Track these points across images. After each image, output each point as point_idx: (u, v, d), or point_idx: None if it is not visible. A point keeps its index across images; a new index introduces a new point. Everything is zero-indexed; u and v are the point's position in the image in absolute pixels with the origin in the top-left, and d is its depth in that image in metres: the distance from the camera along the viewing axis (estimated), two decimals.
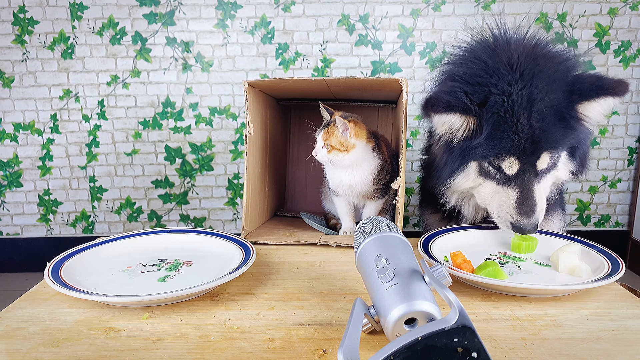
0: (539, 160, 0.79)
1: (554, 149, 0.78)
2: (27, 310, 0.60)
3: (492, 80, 0.79)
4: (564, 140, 0.79)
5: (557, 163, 0.83)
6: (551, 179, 0.85)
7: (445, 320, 0.38)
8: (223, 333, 0.54)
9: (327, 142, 0.89)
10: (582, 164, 0.88)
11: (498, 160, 0.81)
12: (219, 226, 1.84)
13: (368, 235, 0.56)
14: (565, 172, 0.87)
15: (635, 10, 1.66)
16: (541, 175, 0.82)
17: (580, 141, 0.83)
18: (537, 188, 0.81)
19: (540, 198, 0.81)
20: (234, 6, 1.66)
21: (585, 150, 0.88)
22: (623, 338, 0.52)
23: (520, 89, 0.77)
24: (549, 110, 0.77)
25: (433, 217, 1.06)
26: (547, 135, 0.77)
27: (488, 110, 0.78)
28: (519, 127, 0.77)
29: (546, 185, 0.84)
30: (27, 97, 1.70)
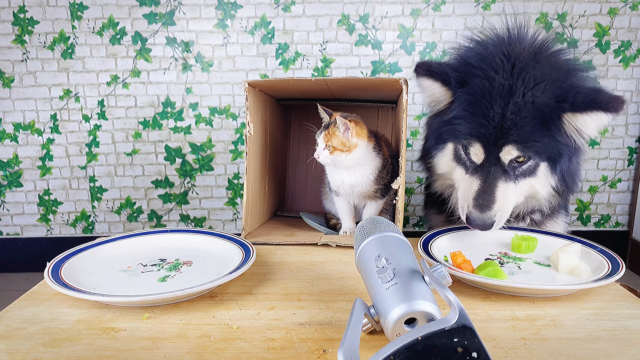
0: (502, 152, 0.77)
1: (521, 145, 0.76)
2: (27, 310, 0.60)
3: (482, 65, 0.80)
4: (537, 142, 0.76)
5: (534, 170, 0.80)
6: (527, 187, 0.82)
7: (445, 320, 0.38)
8: (223, 333, 0.54)
9: (329, 143, 0.89)
10: (566, 182, 0.82)
11: (467, 144, 0.81)
12: (219, 226, 1.84)
13: (368, 235, 0.56)
14: (546, 186, 0.83)
15: (635, 10, 1.66)
16: (512, 175, 0.79)
17: (562, 153, 0.78)
18: (501, 185, 0.79)
19: (502, 197, 0.79)
20: (234, 6, 1.66)
21: (572, 168, 0.82)
22: (623, 338, 0.52)
23: (505, 79, 0.77)
24: (529, 106, 0.75)
25: (438, 218, 1.06)
26: (517, 129, 0.76)
27: (467, 90, 0.80)
28: (491, 114, 0.77)
29: (518, 190, 0.81)
30: (27, 97, 1.70)
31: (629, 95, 1.73)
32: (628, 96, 1.73)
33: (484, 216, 0.79)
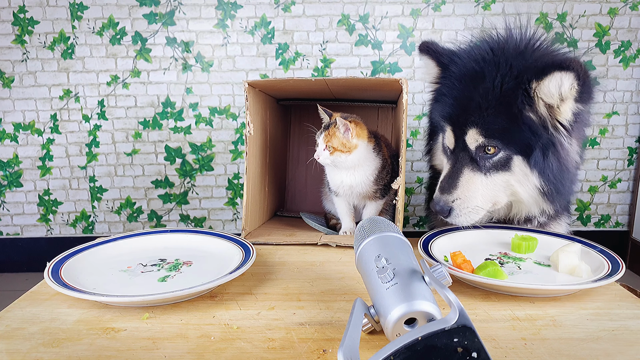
0: (467, 137, 0.78)
1: (483, 130, 0.75)
2: (27, 310, 0.60)
3: (465, 55, 0.82)
4: (499, 127, 0.75)
5: (507, 164, 0.78)
6: (502, 182, 0.80)
7: (445, 320, 0.38)
8: (223, 333, 0.54)
9: (329, 144, 0.89)
10: (552, 183, 0.78)
11: (443, 128, 0.83)
12: (219, 226, 1.84)
13: (368, 235, 0.56)
14: (526, 185, 0.79)
15: (635, 10, 1.66)
16: (482, 166, 0.78)
17: (533, 146, 0.75)
18: (467, 173, 0.79)
19: (465, 185, 0.79)
20: (234, 6, 1.66)
21: (555, 167, 0.77)
22: (623, 338, 0.52)
23: (480, 67, 0.78)
24: (497, 91, 0.75)
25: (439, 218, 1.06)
26: (480, 112, 0.76)
27: (448, 74, 0.83)
28: (460, 96, 0.78)
29: (491, 184, 0.79)
30: (27, 97, 1.70)
31: (629, 96, 1.73)
32: (628, 96, 1.73)
33: (442, 198, 0.79)
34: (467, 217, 0.80)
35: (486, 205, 0.82)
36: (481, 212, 0.81)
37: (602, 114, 1.75)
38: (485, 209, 0.82)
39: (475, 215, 0.81)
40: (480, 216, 0.82)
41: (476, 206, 0.80)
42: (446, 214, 0.80)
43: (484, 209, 0.82)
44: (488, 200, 0.81)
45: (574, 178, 0.82)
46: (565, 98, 0.73)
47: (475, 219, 0.81)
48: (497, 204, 0.84)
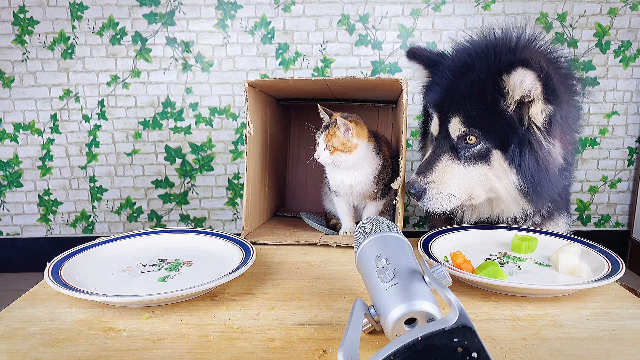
0: (450, 125, 0.80)
1: (464, 118, 0.78)
2: (27, 310, 0.60)
3: (465, 49, 0.85)
4: (478, 115, 0.77)
5: (486, 156, 0.79)
6: (480, 175, 0.80)
7: (445, 320, 0.38)
8: (223, 333, 0.54)
9: (329, 144, 0.89)
10: (530, 182, 0.78)
11: (430, 117, 0.86)
12: (219, 226, 1.84)
13: (368, 235, 0.56)
14: (504, 180, 0.80)
15: (635, 10, 1.66)
16: (461, 155, 0.80)
17: (510, 140, 0.76)
18: (445, 159, 0.81)
19: (442, 170, 0.81)
20: (234, 6, 1.66)
21: (533, 166, 0.77)
22: (623, 338, 0.52)
23: (472, 59, 0.80)
24: (480, 81, 0.77)
25: (439, 218, 1.06)
26: (463, 101, 0.78)
27: (439, 69, 0.87)
28: (449, 85, 0.81)
29: (468, 175, 0.80)
30: (27, 97, 1.70)
31: (629, 96, 1.73)
32: (628, 96, 1.73)
33: (417, 179, 0.82)
34: (438, 203, 0.81)
35: (461, 195, 0.82)
36: (454, 201, 0.82)
37: (602, 114, 1.75)
38: (459, 200, 0.82)
39: (447, 203, 0.81)
40: (453, 206, 0.83)
41: (449, 193, 0.81)
42: (419, 196, 0.81)
43: (458, 199, 0.82)
44: (463, 191, 0.82)
45: (556, 180, 0.81)
46: (533, 98, 0.74)
47: (447, 207, 0.82)
48: (474, 198, 0.84)
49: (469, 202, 0.85)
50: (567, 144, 0.82)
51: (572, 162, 0.87)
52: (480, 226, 0.90)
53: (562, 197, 0.98)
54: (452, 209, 0.84)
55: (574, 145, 0.86)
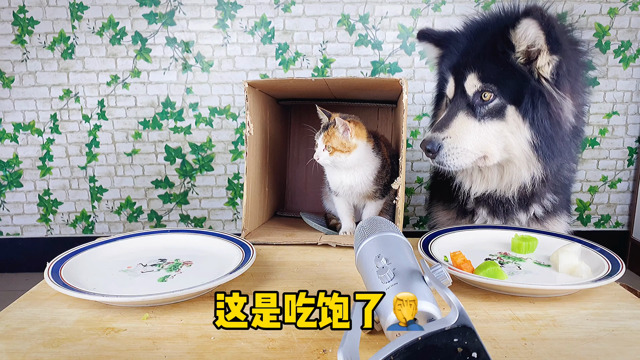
0: (466, 82, 0.83)
1: (480, 73, 0.81)
2: (27, 310, 0.60)
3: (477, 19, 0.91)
4: (495, 71, 0.80)
5: (502, 112, 0.81)
6: (495, 132, 0.82)
7: (445, 320, 0.38)
8: (223, 333, 0.54)
9: (328, 144, 0.89)
10: (543, 136, 0.80)
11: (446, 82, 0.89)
12: (219, 226, 1.84)
13: (368, 235, 0.56)
14: (519, 137, 0.82)
15: (635, 10, 1.66)
16: (477, 112, 0.82)
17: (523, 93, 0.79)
18: (461, 115, 0.83)
19: (457, 126, 0.82)
20: (234, 6, 1.66)
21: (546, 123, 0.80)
22: (623, 338, 0.52)
23: (487, 21, 0.86)
24: (490, 39, 0.82)
25: (444, 215, 1.06)
26: (478, 59, 0.82)
27: (452, 39, 0.92)
28: (465, 48, 0.85)
29: (484, 131, 0.82)
30: (27, 97, 1.70)
31: (629, 96, 1.73)
32: (628, 96, 1.73)
33: (433, 135, 0.83)
34: (455, 159, 0.83)
35: (476, 151, 0.83)
36: (470, 157, 0.83)
37: (602, 114, 1.75)
38: (475, 155, 0.84)
39: (464, 158, 0.83)
40: (468, 162, 0.84)
41: (465, 149, 0.82)
42: (435, 151, 0.82)
43: (474, 154, 0.83)
44: (479, 147, 0.83)
45: (568, 140, 0.84)
46: (539, 49, 0.78)
47: (463, 162, 0.83)
48: (488, 157, 0.85)
49: (483, 163, 0.86)
50: (578, 104, 0.84)
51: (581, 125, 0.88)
52: (480, 226, 0.90)
53: (564, 194, 0.98)
54: (468, 165, 0.84)
55: (583, 110, 0.88)
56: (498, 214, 0.95)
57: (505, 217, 0.95)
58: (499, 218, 0.95)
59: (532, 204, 0.94)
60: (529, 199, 0.93)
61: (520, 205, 0.94)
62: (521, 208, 0.94)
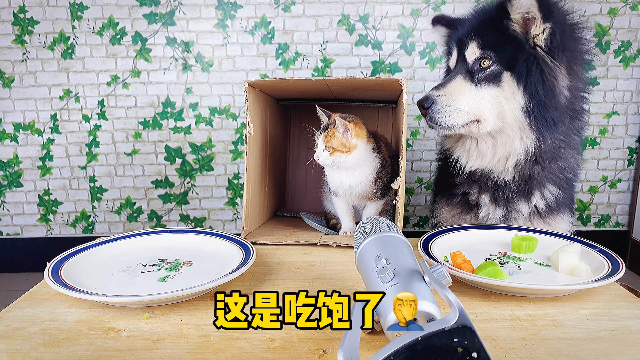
0: (467, 50, 0.88)
1: (479, 41, 0.86)
2: (27, 310, 0.60)
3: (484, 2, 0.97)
4: (493, 38, 0.85)
5: (498, 77, 0.85)
6: (491, 97, 0.86)
7: (445, 320, 0.38)
8: (223, 333, 0.54)
9: (329, 145, 0.89)
10: (537, 102, 0.83)
11: (450, 55, 0.95)
12: (219, 226, 1.84)
13: (368, 236, 0.56)
14: (513, 102, 0.85)
15: (635, 10, 1.66)
16: (475, 77, 0.87)
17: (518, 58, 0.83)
18: (458, 79, 0.88)
19: (453, 87, 0.87)
20: (234, 6, 1.66)
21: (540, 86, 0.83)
22: (623, 338, 0.52)
23: (488, 7, 0.90)
24: (490, 14, 0.88)
25: (447, 211, 1.07)
26: (478, 30, 0.88)
27: (460, 22, 0.97)
28: (469, 24, 0.92)
29: (480, 96, 0.86)
30: (27, 97, 1.70)
31: (629, 96, 1.73)
32: (628, 96, 1.73)
33: (429, 93, 0.89)
34: (446, 116, 0.87)
35: (469, 112, 0.87)
36: (461, 117, 0.87)
37: (602, 114, 1.75)
38: (467, 116, 0.87)
39: (456, 117, 0.87)
40: (460, 121, 0.87)
41: (457, 108, 0.86)
42: (428, 106, 0.87)
43: (466, 115, 0.87)
44: (472, 109, 0.87)
45: (563, 113, 0.86)
46: (533, 16, 0.82)
47: (454, 121, 0.87)
48: (482, 122, 0.88)
49: (476, 129, 0.89)
50: (576, 83, 0.86)
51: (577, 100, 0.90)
52: (480, 226, 0.90)
53: (568, 190, 0.99)
54: (458, 125, 0.88)
55: (582, 91, 0.90)
56: (499, 202, 0.96)
57: (507, 205, 0.96)
58: (500, 206, 0.96)
59: (533, 191, 0.94)
60: (529, 183, 0.93)
61: (520, 193, 0.94)
62: (522, 196, 0.95)
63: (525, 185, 0.94)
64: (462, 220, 1.02)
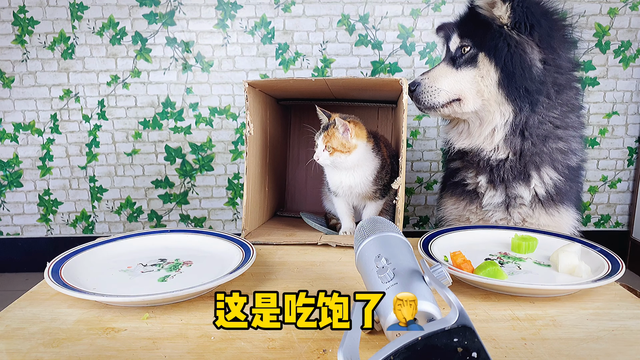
0: (450, 41, 0.98)
1: (459, 31, 0.96)
2: (27, 310, 0.60)
3: None
4: (469, 25, 0.95)
5: (475, 59, 0.93)
6: (469, 78, 0.93)
7: (445, 320, 0.38)
8: (223, 333, 0.54)
9: (328, 145, 0.89)
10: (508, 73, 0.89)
11: None
12: (219, 226, 1.84)
13: (368, 235, 0.56)
14: (488, 79, 0.92)
15: (635, 10, 1.66)
16: (456, 63, 0.95)
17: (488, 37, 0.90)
18: (442, 65, 0.99)
19: (437, 72, 0.98)
20: (234, 6, 1.66)
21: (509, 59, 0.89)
22: (623, 338, 0.52)
23: None
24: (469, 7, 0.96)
25: (452, 204, 1.08)
26: (459, 22, 0.99)
27: None
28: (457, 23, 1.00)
29: (460, 77, 0.94)
30: (27, 97, 1.70)
31: (628, 96, 1.73)
32: (628, 96, 1.73)
33: (417, 78, 1.00)
34: (429, 95, 0.97)
35: (450, 92, 0.96)
36: (442, 96, 0.96)
37: (602, 114, 1.75)
38: (448, 95, 0.96)
39: (437, 96, 0.96)
40: (442, 100, 0.96)
41: (439, 88, 0.96)
42: (414, 88, 0.98)
43: (447, 94, 0.96)
44: (453, 89, 0.95)
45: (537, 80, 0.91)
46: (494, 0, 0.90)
47: (436, 100, 0.97)
48: (463, 100, 0.95)
49: (459, 108, 0.96)
50: (550, 50, 0.92)
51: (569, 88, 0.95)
52: (480, 226, 0.90)
53: (572, 180, 0.99)
54: (440, 103, 0.97)
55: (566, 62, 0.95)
56: (496, 184, 0.97)
57: (506, 189, 0.97)
58: (498, 189, 0.98)
59: (529, 172, 0.95)
60: (522, 161, 0.95)
61: (517, 173, 0.95)
62: (519, 178, 0.96)
63: (519, 164, 0.95)
64: (467, 211, 1.03)
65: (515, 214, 0.98)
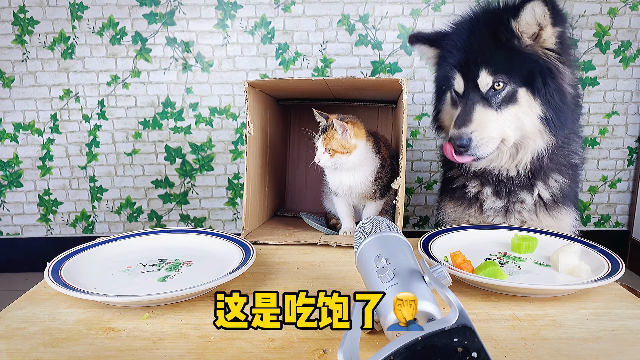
0: (480, 78, 0.87)
1: (491, 67, 0.85)
2: (27, 310, 0.60)
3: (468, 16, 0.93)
4: (502, 58, 0.85)
5: (514, 96, 0.86)
6: (511, 117, 0.87)
7: (445, 320, 0.38)
8: (223, 333, 0.54)
9: (328, 147, 0.89)
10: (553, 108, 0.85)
11: (451, 77, 0.91)
12: (219, 226, 1.84)
13: (368, 235, 0.56)
14: (531, 115, 0.87)
15: (635, 10, 1.66)
16: (493, 103, 0.87)
17: (534, 73, 0.84)
18: (479, 109, 0.88)
19: (479, 119, 0.87)
20: (234, 6, 1.66)
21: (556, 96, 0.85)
22: (623, 338, 0.52)
23: (478, 20, 0.89)
24: (486, 30, 0.87)
25: (451, 207, 1.08)
26: (483, 54, 0.87)
27: (446, 37, 0.95)
28: (463, 44, 0.89)
29: (502, 119, 0.87)
30: (27, 97, 1.70)
31: (628, 96, 1.73)
32: (628, 96, 1.73)
33: (460, 131, 0.87)
34: (485, 147, 0.88)
35: (498, 137, 0.89)
36: (494, 143, 0.89)
37: (602, 114, 1.75)
38: (497, 140, 0.89)
39: (492, 145, 0.88)
40: (493, 147, 0.89)
41: (490, 136, 0.88)
42: (466, 145, 0.87)
43: (497, 140, 0.89)
44: (499, 133, 0.89)
45: (572, 109, 0.88)
46: (543, 25, 0.82)
47: (489, 149, 0.89)
48: (506, 139, 0.90)
49: (503, 147, 0.91)
50: (574, 69, 0.89)
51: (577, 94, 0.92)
52: (480, 226, 0.90)
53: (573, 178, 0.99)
54: (492, 151, 0.90)
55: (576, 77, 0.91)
56: (500, 194, 0.97)
57: (509, 197, 0.97)
58: (501, 197, 0.97)
59: (536, 183, 0.95)
60: (533, 176, 0.94)
61: (523, 186, 0.95)
62: (524, 188, 0.96)
63: (528, 180, 0.95)
64: (467, 214, 1.02)
65: (516, 217, 0.98)
